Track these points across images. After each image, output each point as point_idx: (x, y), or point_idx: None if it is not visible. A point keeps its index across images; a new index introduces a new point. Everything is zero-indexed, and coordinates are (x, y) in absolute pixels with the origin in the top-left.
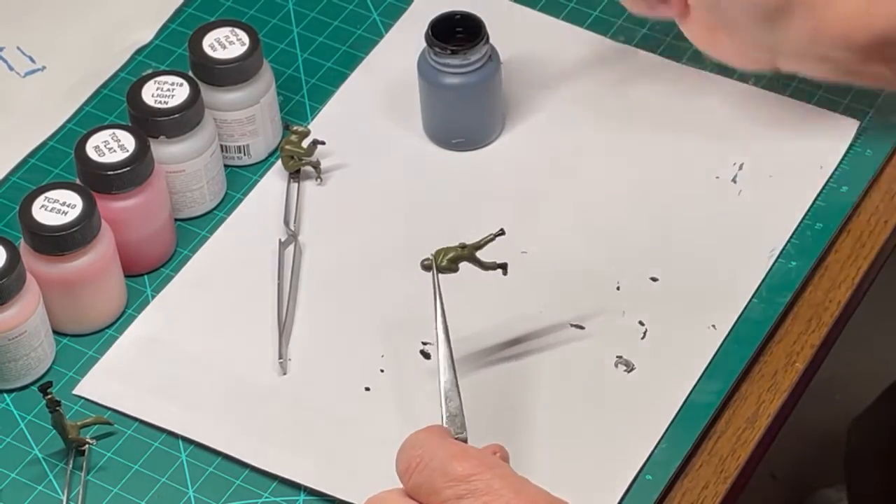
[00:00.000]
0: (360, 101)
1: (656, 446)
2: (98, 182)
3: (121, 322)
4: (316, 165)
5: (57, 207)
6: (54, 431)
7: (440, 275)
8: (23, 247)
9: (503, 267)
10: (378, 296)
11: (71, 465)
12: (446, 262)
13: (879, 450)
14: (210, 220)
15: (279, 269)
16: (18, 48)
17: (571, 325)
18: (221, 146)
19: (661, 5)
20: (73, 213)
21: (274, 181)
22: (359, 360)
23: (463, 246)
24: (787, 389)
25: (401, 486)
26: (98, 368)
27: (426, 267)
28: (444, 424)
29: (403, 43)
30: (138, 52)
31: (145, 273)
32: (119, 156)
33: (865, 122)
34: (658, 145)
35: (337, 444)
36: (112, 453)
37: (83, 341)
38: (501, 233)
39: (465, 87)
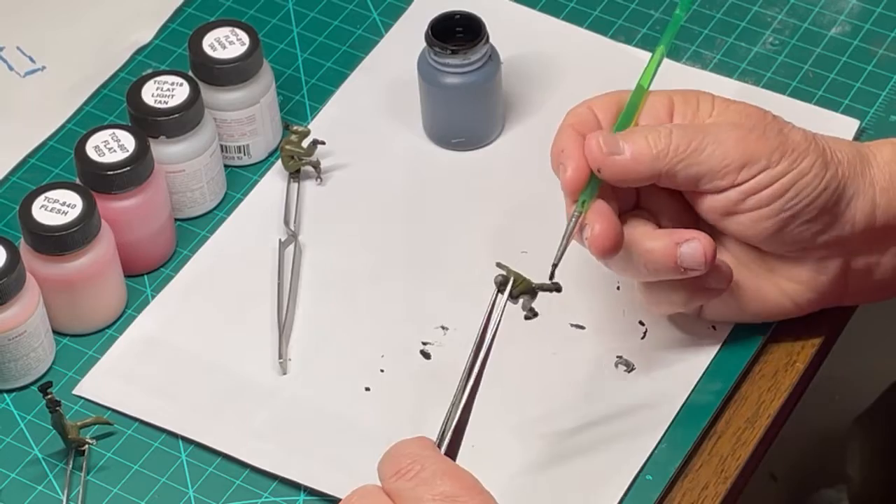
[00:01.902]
0: (360, 101)
1: (656, 446)
2: (98, 182)
3: (121, 322)
4: (316, 165)
5: (57, 207)
6: (54, 431)
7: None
8: (23, 247)
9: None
10: (378, 295)
11: (71, 465)
12: (517, 292)
13: (880, 449)
14: (210, 220)
15: (279, 269)
16: (18, 48)
17: (571, 325)
18: (221, 146)
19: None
20: (73, 213)
21: (274, 181)
22: (359, 360)
23: (535, 286)
24: (787, 389)
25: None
26: (98, 368)
27: (499, 284)
28: (436, 440)
29: (403, 43)
30: (138, 52)
31: (145, 273)
32: (119, 156)
33: (865, 122)
34: None
35: (337, 444)
36: (112, 453)
37: (83, 341)
38: (558, 289)
39: (465, 87)
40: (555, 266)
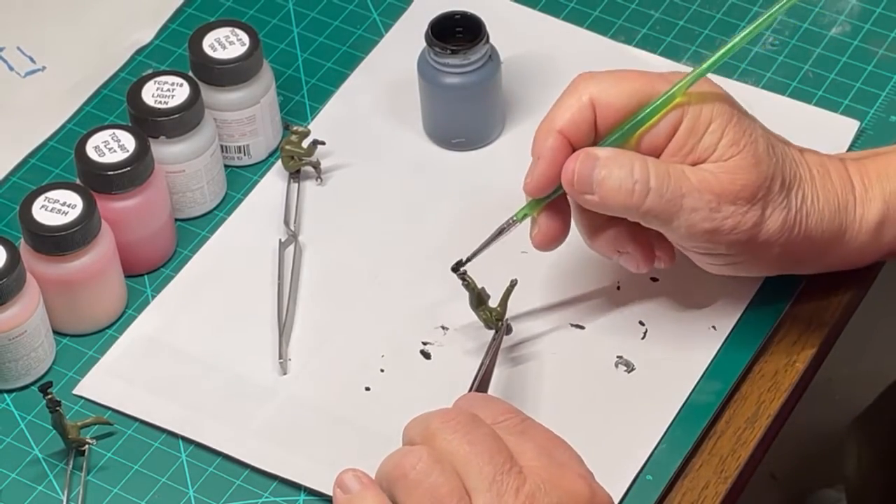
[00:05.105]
0: (360, 101)
1: (656, 446)
2: (98, 182)
3: (121, 322)
4: (316, 165)
5: (57, 207)
6: (54, 431)
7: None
8: (23, 247)
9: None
10: (378, 295)
11: (71, 465)
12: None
13: (879, 450)
14: (210, 220)
15: (279, 269)
16: (18, 48)
17: (571, 325)
18: (221, 146)
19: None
20: (73, 213)
21: (274, 181)
22: (359, 360)
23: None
24: (787, 389)
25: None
26: (98, 368)
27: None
28: None
29: (403, 43)
30: (138, 52)
31: (145, 273)
32: (119, 156)
33: (865, 123)
34: None
35: (337, 444)
36: (112, 453)
37: (83, 341)
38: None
39: (465, 87)
40: (464, 262)
